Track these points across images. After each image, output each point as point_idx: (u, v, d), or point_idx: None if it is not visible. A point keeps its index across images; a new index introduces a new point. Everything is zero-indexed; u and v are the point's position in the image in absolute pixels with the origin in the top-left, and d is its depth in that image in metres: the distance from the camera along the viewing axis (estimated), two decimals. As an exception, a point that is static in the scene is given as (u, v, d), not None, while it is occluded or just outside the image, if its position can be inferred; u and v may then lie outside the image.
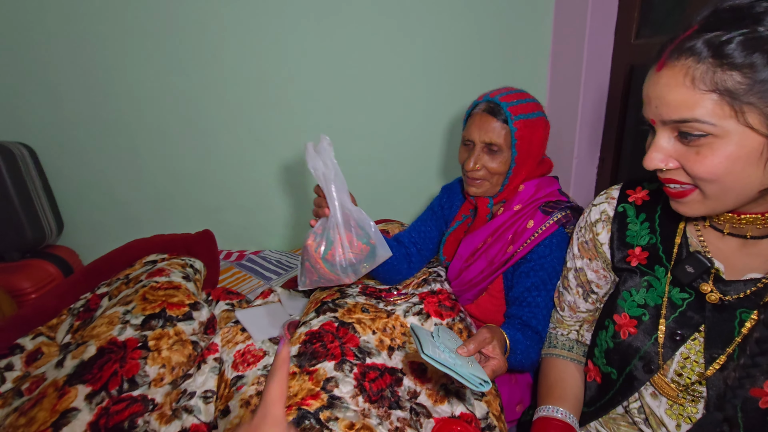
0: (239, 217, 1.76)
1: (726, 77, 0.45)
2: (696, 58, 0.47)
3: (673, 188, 0.55)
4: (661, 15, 1.27)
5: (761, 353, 0.52)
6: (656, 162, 0.53)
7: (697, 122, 0.47)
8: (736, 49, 0.44)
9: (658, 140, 0.53)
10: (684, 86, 0.47)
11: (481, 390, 0.58)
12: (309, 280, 0.85)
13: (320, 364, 0.76)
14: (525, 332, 0.84)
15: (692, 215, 0.55)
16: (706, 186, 0.51)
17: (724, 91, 0.45)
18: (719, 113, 0.46)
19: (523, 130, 0.87)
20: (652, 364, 0.63)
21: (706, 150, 0.48)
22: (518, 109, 0.88)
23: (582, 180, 1.56)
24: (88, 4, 1.44)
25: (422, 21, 1.47)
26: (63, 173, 1.67)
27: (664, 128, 0.52)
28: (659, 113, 0.51)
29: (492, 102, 0.90)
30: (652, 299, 0.64)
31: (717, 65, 0.46)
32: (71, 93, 1.55)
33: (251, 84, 1.55)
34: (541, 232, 0.88)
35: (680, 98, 0.48)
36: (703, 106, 0.47)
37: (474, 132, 0.91)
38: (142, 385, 0.85)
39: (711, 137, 0.48)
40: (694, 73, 0.47)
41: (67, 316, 1.11)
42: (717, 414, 0.56)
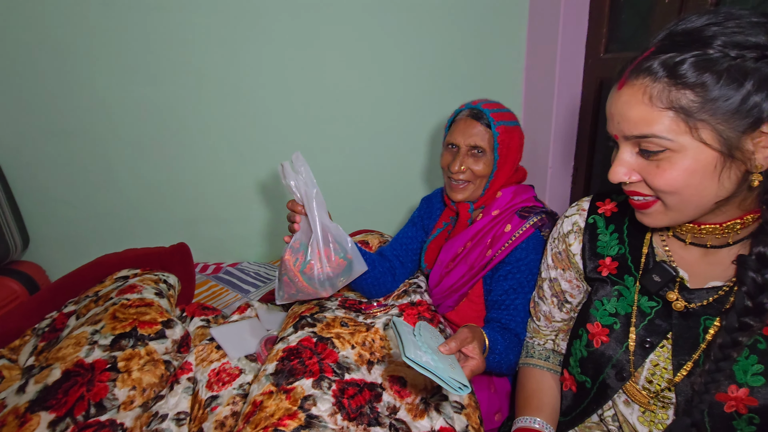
0: (216, 228, 1.73)
1: (680, 95, 0.48)
2: (653, 78, 0.50)
3: (637, 200, 0.57)
4: (628, 32, 1.32)
5: (724, 358, 0.54)
6: (620, 175, 0.56)
7: (656, 137, 0.50)
8: (688, 69, 0.47)
9: (621, 155, 0.55)
10: (643, 104, 0.50)
11: (460, 393, 0.59)
12: (287, 293, 0.84)
13: (298, 381, 0.75)
14: (504, 334, 0.85)
15: (656, 226, 0.58)
16: (667, 198, 0.53)
17: (678, 108, 0.48)
18: (675, 129, 0.49)
19: (503, 135, 0.93)
20: (624, 372, 0.65)
21: (665, 164, 0.51)
22: (499, 116, 0.94)
23: (557, 189, 1.60)
24: (57, 12, 1.40)
25: (401, 36, 1.50)
26: (29, 185, 1.60)
27: (626, 143, 0.55)
28: (621, 129, 0.54)
29: (475, 109, 0.95)
30: (623, 308, 0.66)
31: (672, 84, 0.48)
32: (39, 104, 1.50)
33: (228, 94, 1.53)
34: (518, 236, 0.91)
35: (640, 115, 0.51)
36: (661, 123, 0.50)
37: (459, 136, 0.95)
38: (110, 409, 0.82)
39: (669, 152, 0.51)
40: (651, 92, 0.50)
41: (31, 337, 1.06)
42: (685, 419, 0.58)
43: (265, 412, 0.70)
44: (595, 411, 0.70)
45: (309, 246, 0.81)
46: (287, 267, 0.81)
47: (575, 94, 1.48)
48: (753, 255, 0.53)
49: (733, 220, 0.55)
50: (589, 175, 1.53)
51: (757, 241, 0.53)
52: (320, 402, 0.71)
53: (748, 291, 0.52)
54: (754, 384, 0.54)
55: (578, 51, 1.44)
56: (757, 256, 0.52)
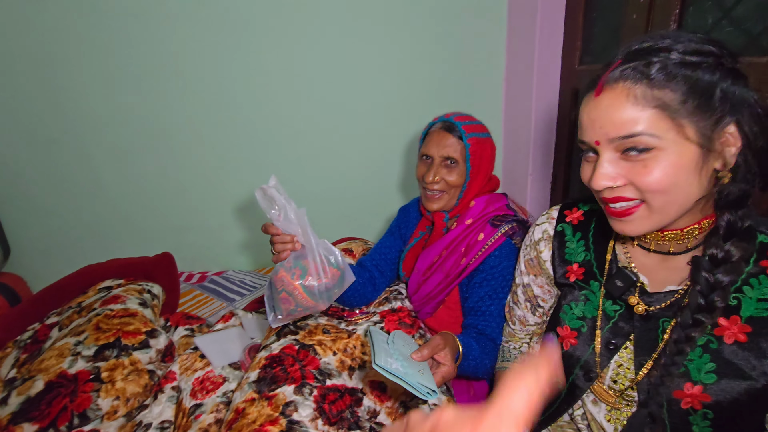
0: (201, 237, 1.73)
1: (662, 94, 0.50)
2: (633, 81, 0.52)
3: (618, 207, 0.57)
4: (600, 44, 1.38)
5: (678, 352, 0.58)
6: (604, 181, 0.55)
7: (644, 135, 0.51)
8: (663, 70, 0.50)
9: (603, 161, 0.55)
10: (628, 103, 0.52)
11: (428, 399, 0.61)
12: (285, 311, 0.81)
13: (280, 388, 0.76)
14: (480, 340, 0.88)
15: (637, 233, 0.58)
16: (653, 198, 0.53)
17: (663, 106, 0.50)
18: (662, 126, 0.51)
19: (475, 146, 0.96)
20: (591, 373, 0.68)
21: (652, 162, 0.52)
22: (471, 128, 0.97)
23: (537, 195, 1.65)
24: (40, 21, 1.40)
25: (382, 48, 1.53)
26: (10, 194, 1.59)
27: (608, 148, 0.55)
28: (605, 132, 0.54)
29: (448, 121, 0.99)
30: (589, 312, 0.69)
31: (652, 86, 0.51)
32: (22, 112, 1.49)
33: (212, 103, 1.54)
34: (491, 244, 0.95)
35: (627, 115, 0.52)
36: (648, 120, 0.51)
37: (432, 147, 0.98)
38: (94, 419, 0.82)
39: (655, 150, 0.51)
40: (635, 93, 0.51)
41: (13, 349, 1.05)
42: (642, 411, 0.61)
43: (247, 419, 0.71)
44: (566, 411, 0.73)
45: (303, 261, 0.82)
46: (285, 282, 0.80)
47: (552, 103, 1.54)
48: (706, 256, 0.56)
49: (692, 226, 0.59)
50: (567, 181, 1.58)
51: (709, 244, 0.57)
52: (301, 408, 0.73)
53: (701, 290, 0.56)
54: (707, 381, 0.57)
55: (554, 63, 1.49)
56: (709, 257, 0.56)
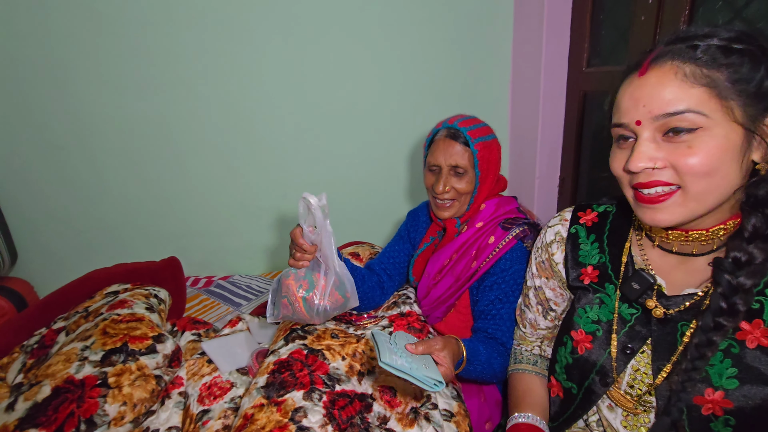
0: (207, 242, 1.73)
1: (712, 73, 0.50)
2: (682, 60, 0.51)
3: (652, 193, 0.55)
4: (608, 46, 1.37)
5: (700, 357, 0.56)
6: (644, 161, 0.53)
7: (691, 113, 0.50)
8: (716, 51, 0.50)
9: (644, 141, 0.54)
10: (677, 80, 0.51)
11: (435, 390, 0.62)
12: (282, 314, 0.84)
13: (289, 394, 0.75)
14: (489, 344, 0.87)
15: (670, 223, 0.56)
16: (693, 183, 0.52)
17: (713, 85, 0.50)
18: (710, 105, 0.50)
19: (482, 151, 0.94)
20: (607, 378, 0.66)
21: (698, 142, 0.50)
22: (476, 133, 0.95)
23: (544, 198, 1.64)
24: (46, 28, 1.41)
25: (388, 52, 1.53)
26: (17, 200, 1.60)
27: (650, 127, 0.53)
28: (650, 110, 0.52)
29: (452, 128, 0.96)
30: (605, 315, 0.68)
31: (702, 64, 0.50)
32: (30, 118, 1.51)
33: (218, 109, 1.55)
34: (502, 247, 0.93)
35: (674, 92, 0.51)
36: (697, 97, 0.50)
37: (439, 157, 0.96)
38: (101, 425, 0.81)
39: (701, 131, 0.50)
40: (684, 70, 0.51)
41: (20, 354, 1.05)
42: (665, 419, 0.59)
43: (256, 425, 0.70)
44: (581, 416, 0.71)
45: (315, 275, 0.82)
46: (290, 291, 0.81)
47: (559, 106, 1.53)
48: (729, 258, 0.55)
49: (717, 226, 0.58)
50: (575, 183, 1.56)
51: (733, 246, 0.55)
52: (311, 414, 0.72)
53: (723, 292, 0.55)
54: (729, 387, 0.56)
55: (561, 65, 1.48)
56: (733, 260, 0.54)
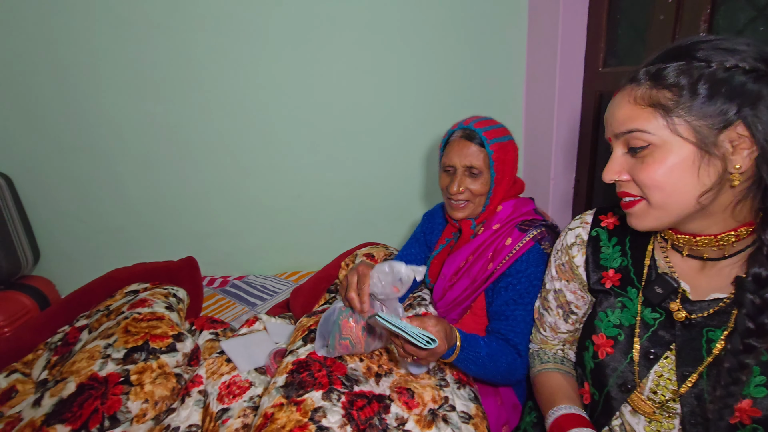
0: (223, 242, 1.75)
1: (659, 95, 0.54)
2: (637, 83, 0.57)
3: (625, 200, 0.61)
4: (625, 46, 1.36)
5: (734, 382, 0.55)
6: (612, 174, 0.61)
7: (638, 131, 0.56)
8: (668, 74, 0.54)
9: (614, 155, 0.61)
10: (628, 103, 0.58)
11: (429, 347, 0.67)
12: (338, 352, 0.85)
13: (307, 393, 0.76)
14: (499, 343, 0.87)
15: (642, 227, 0.61)
16: (651, 194, 0.57)
17: (657, 105, 0.54)
18: (655, 124, 0.55)
19: (498, 152, 0.94)
20: (628, 383, 0.66)
21: (649, 159, 0.56)
22: (492, 134, 0.95)
23: (559, 200, 1.62)
24: (66, 33, 1.44)
25: (402, 52, 1.53)
26: (40, 201, 1.64)
27: (618, 143, 0.60)
28: (612, 129, 0.60)
29: (468, 129, 0.96)
30: (626, 319, 0.67)
31: (652, 87, 0.55)
32: (50, 121, 1.54)
33: (233, 111, 1.57)
34: (519, 249, 0.93)
35: (625, 113, 0.58)
36: (643, 118, 0.56)
37: (454, 158, 0.96)
38: (124, 422, 0.83)
39: (652, 147, 0.55)
40: (635, 94, 0.57)
41: (44, 351, 1.08)
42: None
43: (277, 424, 0.71)
44: (604, 425, 0.70)
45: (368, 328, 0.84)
46: (352, 332, 0.82)
47: (575, 107, 1.51)
48: (749, 276, 0.54)
49: (727, 233, 0.57)
50: (590, 185, 1.55)
51: (752, 261, 0.55)
52: (330, 414, 0.72)
53: (748, 313, 0.54)
54: (758, 395, 0.55)
55: (577, 65, 1.47)
56: (753, 277, 0.54)
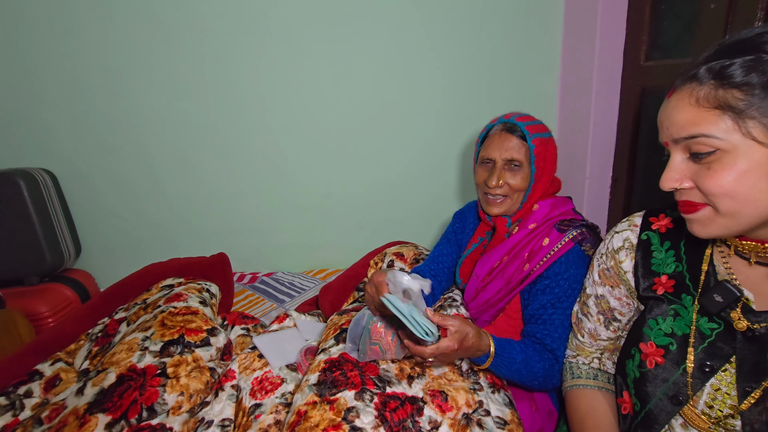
0: (253, 239, 1.78)
1: (726, 95, 0.49)
2: (699, 82, 0.51)
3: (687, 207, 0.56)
4: (670, 38, 1.29)
5: None
6: (671, 182, 0.55)
7: (704, 137, 0.50)
8: (735, 70, 0.49)
9: (672, 161, 0.55)
10: (690, 105, 0.52)
11: (425, 339, 0.67)
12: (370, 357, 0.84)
13: (340, 393, 0.75)
14: (535, 348, 0.84)
15: (706, 235, 0.55)
16: (719, 202, 0.52)
17: (726, 106, 0.49)
18: (724, 127, 0.49)
19: (539, 147, 0.92)
20: (680, 396, 0.62)
21: (717, 165, 0.50)
22: (534, 129, 0.93)
23: (595, 201, 1.56)
24: (109, 35, 1.50)
25: (434, 47, 1.51)
26: (82, 198, 1.71)
27: (677, 148, 0.55)
28: (670, 134, 0.54)
29: (509, 122, 0.95)
30: (680, 328, 0.63)
31: (718, 86, 0.50)
32: (92, 121, 1.60)
33: (266, 109, 1.59)
34: (557, 250, 0.89)
35: (687, 117, 0.52)
36: (709, 122, 0.50)
37: (494, 150, 0.94)
38: (160, 413, 0.85)
39: (720, 152, 0.50)
40: (698, 94, 0.51)
41: (86, 342, 1.12)
42: None
43: (310, 422, 0.71)
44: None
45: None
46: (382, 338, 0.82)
47: (613, 102, 1.45)
48: None
49: None
50: (629, 185, 1.48)
51: None
52: (363, 414, 0.72)
53: None
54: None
55: (616, 59, 1.41)
56: None
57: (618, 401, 0.73)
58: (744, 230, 0.54)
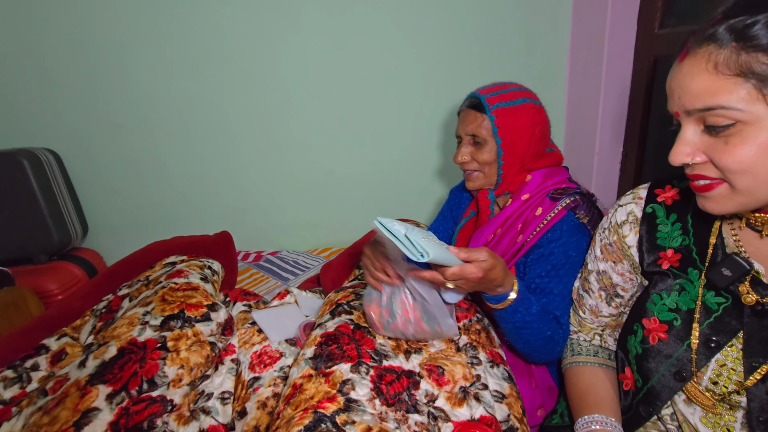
0: (257, 218, 1.78)
1: (751, 59, 0.43)
2: (718, 44, 0.44)
3: (699, 184, 0.51)
4: (687, 4, 1.21)
5: None
6: (682, 156, 0.50)
7: (723, 109, 0.45)
8: (761, 29, 0.42)
9: (684, 133, 0.50)
10: (707, 72, 0.45)
11: (418, 259, 0.57)
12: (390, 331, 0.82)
13: (336, 366, 0.75)
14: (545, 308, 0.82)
15: (719, 212, 0.51)
16: (736, 179, 0.47)
17: (749, 73, 0.43)
18: (746, 98, 0.43)
19: (502, 118, 0.88)
20: (684, 372, 0.60)
21: (736, 139, 0.45)
22: (496, 99, 0.89)
23: (604, 176, 1.52)
24: (111, 13, 1.47)
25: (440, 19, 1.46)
26: (87, 178, 1.71)
27: (689, 120, 0.49)
28: (682, 104, 0.48)
29: (473, 97, 0.93)
30: (685, 303, 0.61)
31: (741, 48, 0.43)
32: (95, 100, 1.60)
33: (267, 88, 1.56)
34: (550, 219, 0.87)
35: (703, 85, 0.45)
36: (729, 91, 0.44)
37: (459, 127, 0.96)
38: (161, 385, 0.86)
39: (740, 125, 0.45)
40: (716, 59, 0.44)
41: (90, 317, 1.14)
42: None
43: (305, 395, 0.71)
44: (648, 413, 0.64)
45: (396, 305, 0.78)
46: (371, 322, 0.81)
47: (625, 73, 1.39)
48: None
49: None
50: (640, 161, 1.43)
51: None
52: (358, 386, 0.71)
53: None
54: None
55: (629, 26, 1.34)
56: None
57: (620, 377, 0.72)
58: (759, 206, 0.50)
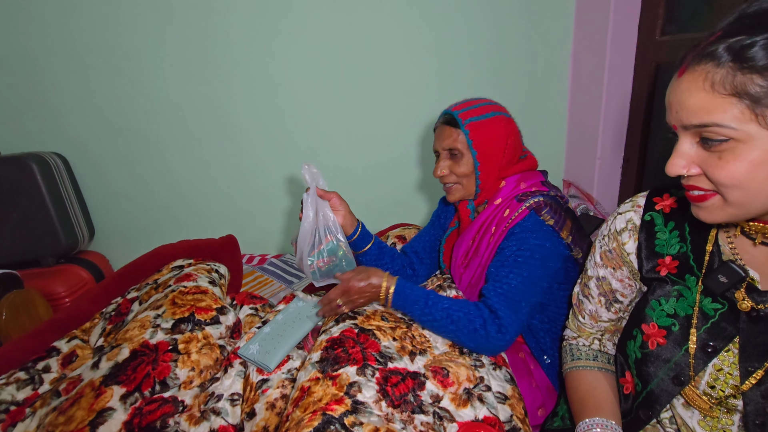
0: (261, 222, 1.80)
1: (746, 80, 0.44)
2: (715, 63, 0.46)
3: (694, 194, 0.54)
4: (688, 11, 1.23)
5: None
6: (678, 168, 0.52)
7: (717, 126, 0.47)
8: (758, 52, 0.44)
9: (680, 146, 0.52)
10: (703, 90, 0.47)
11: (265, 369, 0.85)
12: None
13: (342, 368, 0.77)
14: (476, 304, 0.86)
15: (712, 221, 0.54)
16: (728, 192, 0.49)
17: (744, 94, 0.45)
18: (739, 117, 0.45)
19: (475, 132, 0.92)
20: (682, 376, 0.62)
21: (729, 155, 0.47)
22: (469, 114, 0.94)
23: (605, 182, 1.53)
24: (119, 19, 1.50)
25: (441, 24, 1.48)
26: (94, 181, 1.74)
27: (686, 134, 0.51)
28: (680, 118, 0.51)
29: (445, 113, 0.98)
30: (683, 309, 0.63)
31: (737, 69, 0.45)
32: (103, 105, 1.62)
33: (272, 93, 1.58)
34: (515, 218, 0.91)
35: (699, 103, 0.47)
36: (723, 110, 0.46)
37: (436, 143, 1.01)
38: (172, 387, 0.88)
39: (733, 142, 0.47)
40: (713, 78, 0.46)
41: (100, 320, 1.16)
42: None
43: (313, 397, 0.73)
44: (647, 416, 0.66)
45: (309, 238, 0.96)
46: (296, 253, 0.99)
47: (626, 79, 1.41)
48: None
49: None
50: (641, 167, 1.45)
51: None
52: (365, 389, 0.73)
53: None
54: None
55: (631, 33, 1.36)
56: None
57: (620, 381, 0.73)
58: (751, 217, 0.52)
